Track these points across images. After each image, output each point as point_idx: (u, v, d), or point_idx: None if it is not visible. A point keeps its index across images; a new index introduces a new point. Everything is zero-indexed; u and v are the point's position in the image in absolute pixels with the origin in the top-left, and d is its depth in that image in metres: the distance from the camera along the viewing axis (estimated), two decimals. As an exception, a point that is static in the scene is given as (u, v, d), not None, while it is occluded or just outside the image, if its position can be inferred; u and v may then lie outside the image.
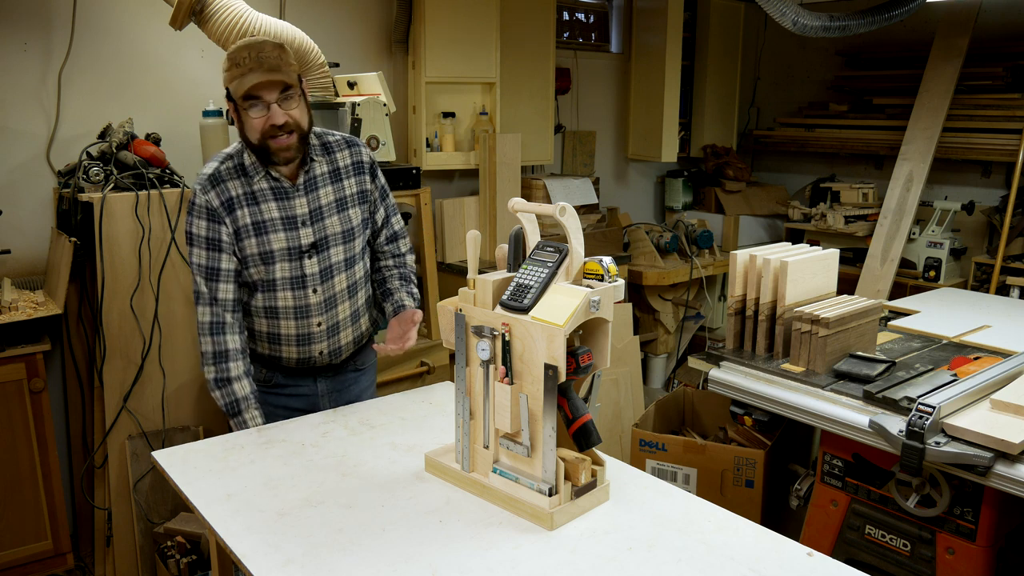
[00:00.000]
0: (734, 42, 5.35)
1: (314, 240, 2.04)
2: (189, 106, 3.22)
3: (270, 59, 1.88)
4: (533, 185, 4.25)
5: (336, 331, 2.13)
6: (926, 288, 3.83)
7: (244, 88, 1.87)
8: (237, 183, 1.98)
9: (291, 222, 2.01)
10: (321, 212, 2.05)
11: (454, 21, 3.80)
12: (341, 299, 2.12)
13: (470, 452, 1.65)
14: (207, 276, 1.97)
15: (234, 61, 1.89)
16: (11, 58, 2.92)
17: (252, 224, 1.98)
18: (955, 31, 4.22)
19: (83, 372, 2.97)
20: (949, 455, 1.83)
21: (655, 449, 2.79)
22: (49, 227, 3.04)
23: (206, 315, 1.97)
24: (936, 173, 4.35)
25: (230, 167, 1.99)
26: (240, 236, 1.98)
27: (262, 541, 1.46)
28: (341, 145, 2.12)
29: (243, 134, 1.96)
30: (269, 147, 1.92)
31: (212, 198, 1.96)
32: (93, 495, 2.93)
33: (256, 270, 2.01)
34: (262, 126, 1.90)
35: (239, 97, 1.89)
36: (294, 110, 1.93)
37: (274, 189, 2.00)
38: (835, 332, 2.23)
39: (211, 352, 1.97)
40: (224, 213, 1.96)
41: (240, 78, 1.87)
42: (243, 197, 1.98)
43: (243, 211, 1.98)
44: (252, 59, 1.87)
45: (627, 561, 1.41)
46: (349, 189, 2.10)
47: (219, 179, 1.98)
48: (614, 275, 1.56)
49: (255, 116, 1.90)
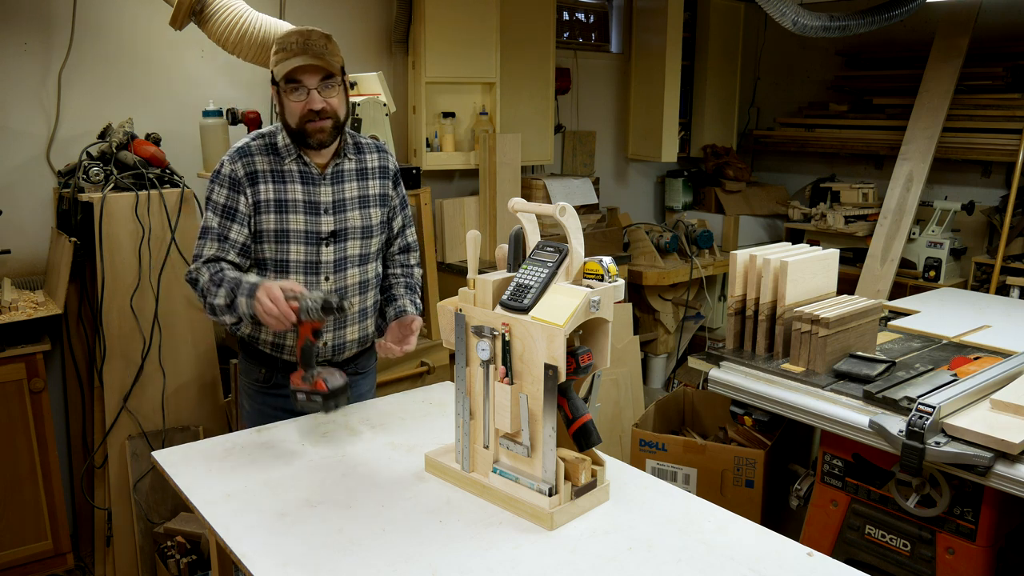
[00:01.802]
0: (734, 42, 5.35)
1: (334, 229, 2.07)
2: (189, 106, 3.22)
3: (316, 46, 1.94)
4: (533, 185, 4.25)
5: (342, 324, 2.14)
6: (926, 288, 3.83)
7: (286, 70, 1.93)
8: (265, 159, 2.03)
9: (313, 207, 2.05)
10: (344, 204, 2.09)
11: (454, 21, 3.80)
12: (352, 293, 2.14)
13: (470, 452, 1.65)
14: (217, 239, 2.01)
15: (282, 45, 1.96)
16: (11, 58, 2.92)
17: (274, 201, 2.02)
18: (955, 31, 4.22)
19: (83, 372, 2.97)
20: (949, 455, 1.83)
21: (655, 449, 2.79)
22: (49, 227, 3.04)
23: (203, 260, 1.98)
24: (936, 173, 4.35)
25: (261, 144, 2.05)
26: (259, 209, 2.02)
27: (262, 541, 1.47)
28: (371, 148, 2.19)
29: (283, 117, 2.02)
30: (306, 130, 1.98)
31: (238, 168, 2.01)
32: (93, 495, 2.93)
33: (269, 247, 2.04)
34: (301, 110, 1.96)
35: (281, 79, 1.95)
36: (333, 98, 1.99)
37: (302, 173, 2.05)
38: (835, 332, 2.23)
39: (207, 280, 1.94)
40: (247, 184, 2.01)
41: (284, 61, 1.93)
42: (269, 173, 2.02)
43: (267, 186, 2.02)
44: (299, 44, 1.93)
45: (627, 561, 1.41)
46: (373, 190, 2.16)
47: (248, 152, 2.03)
48: (614, 275, 1.56)
49: (295, 100, 1.96)
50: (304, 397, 1.82)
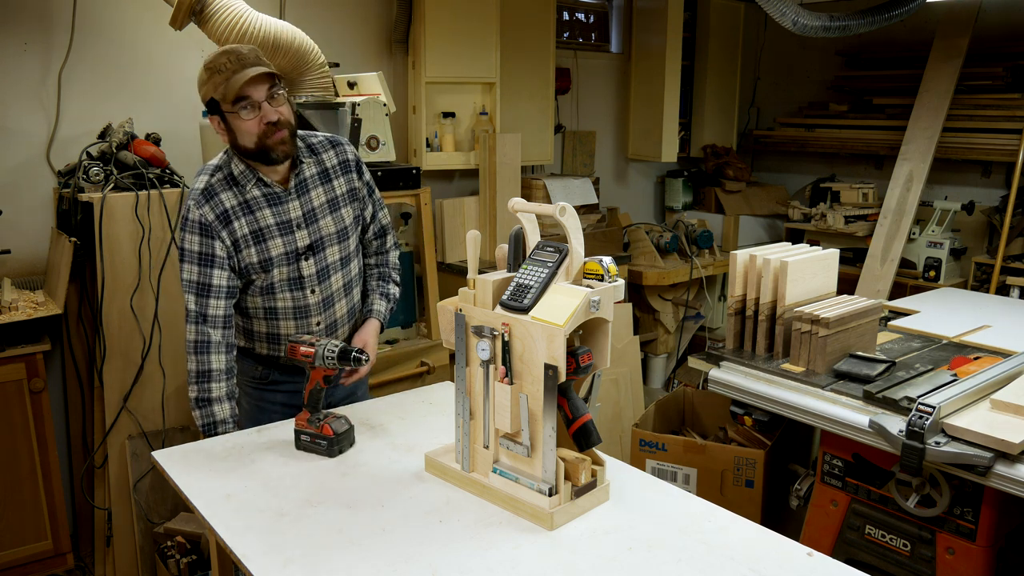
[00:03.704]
0: (734, 42, 5.35)
1: (310, 242, 2.04)
2: (189, 106, 3.22)
3: (249, 57, 1.88)
4: (533, 185, 4.25)
5: (334, 328, 2.15)
6: (926, 288, 3.82)
7: (234, 90, 1.85)
8: (230, 194, 1.97)
9: (286, 226, 2.01)
10: (315, 214, 2.05)
11: (454, 21, 3.79)
12: (338, 297, 2.13)
13: (470, 452, 1.65)
14: (198, 292, 1.95)
15: (215, 69, 1.87)
16: (11, 58, 2.92)
17: (251, 233, 1.98)
18: (955, 31, 4.22)
19: (83, 372, 2.97)
20: (949, 455, 1.83)
21: (655, 449, 2.79)
22: (49, 227, 3.04)
23: (192, 333, 1.96)
24: (936, 173, 4.35)
25: (221, 178, 1.98)
26: (240, 247, 1.97)
27: (262, 541, 1.46)
28: (326, 146, 2.11)
29: (235, 143, 1.94)
30: (267, 145, 1.91)
31: (207, 212, 1.94)
32: (93, 495, 2.93)
33: (256, 276, 2.02)
34: (256, 127, 1.89)
35: (229, 102, 1.87)
36: (283, 106, 1.93)
37: (267, 196, 2.00)
38: (835, 332, 2.23)
39: (195, 371, 1.95)
40: (220, 227, 1.95)
41: (226, 82, 1.85)
42: (238, 208, 1.97)
43: (240, 222, 1.97)
44: (233, 62, 1.86)
45: (627, 561, 1.41)
46: (339, 189, 2.11)
47: (212, 192, 1.96)
48: (614, 275, 1.56)
49: (247, 118, 1.88)
50: (308, 439, 1.82)
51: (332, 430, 1.81)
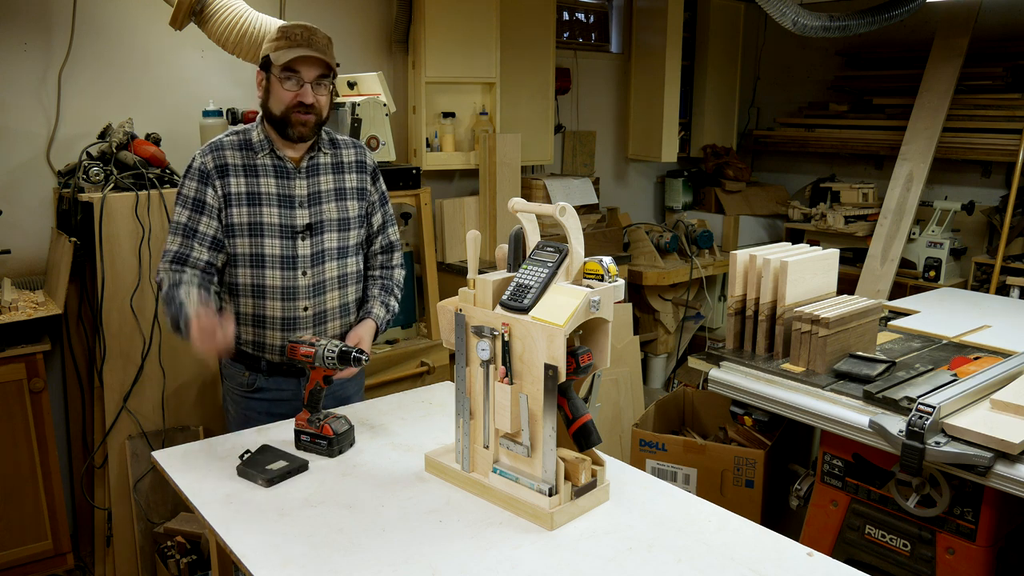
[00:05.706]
0: (734, 42, 5.35)
1: (309, 222, 2.07)
2: (189, 106, 3.22)
3: (320, 42, 1.98)
4: (533, 185, 4.25)
5: (323, 320, 2.12)
6: (926, 288, 3.83)
7: (288, 58, 1.93)
8: (237, 154, 2.04)
9: (288, 200, 2.05)
10: (319, 196, 2.09)
11: (454, 21, 3.79)
12: (330, 287, 2.12)
13: (470, 452, 1.65)
14: (184, 234, 2.00)
15: (286, 34, 1.97)
16: (11, 58, 2.92)
17: (246, 194, 2.02)
18: (955, 31, 4.22)
19: (83, 372, 2.97)
20: (949, 455, 1.83)
21: (655, 449, 2.79)
22: (49, 227, 3.04)
23: (165, 272, 1.97)
24: (936, 173, 4.35)
25: (235, 140, 2.06)
26: (229, 202, 2.01)
27: (262, 541, 1.47)
28: (348, 144, 2.19)
29: (265, 103, 2.02)
30: (289, 119, 1.98)
31: (208, 161, 2.02)
32: (93, 495, 2.93)
33: (242, 241, 2.02)
34: (291, 100, 1.97)
35: (279, 66, 1.95)
36: (323, 96, 2.02)
37: (275, 167, 2.05)
38: (835, 332, 2.23)
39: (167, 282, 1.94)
40: (216, 176, 2.01)
41: (287, 49, 1.94)
42: (240, 167, 2.03)
43: (237, 179, 2.02)
44: (303, 37, 1.96)
45: (627, 561, 1.41)
46: (349, 183, 2.15)
47: (220, 147, 2.04)
48: (614, 275, 1.56)
49: (287, 89, 1.97)
50: (309, 439, 1.83)
51: (332, 430, 1.81)
